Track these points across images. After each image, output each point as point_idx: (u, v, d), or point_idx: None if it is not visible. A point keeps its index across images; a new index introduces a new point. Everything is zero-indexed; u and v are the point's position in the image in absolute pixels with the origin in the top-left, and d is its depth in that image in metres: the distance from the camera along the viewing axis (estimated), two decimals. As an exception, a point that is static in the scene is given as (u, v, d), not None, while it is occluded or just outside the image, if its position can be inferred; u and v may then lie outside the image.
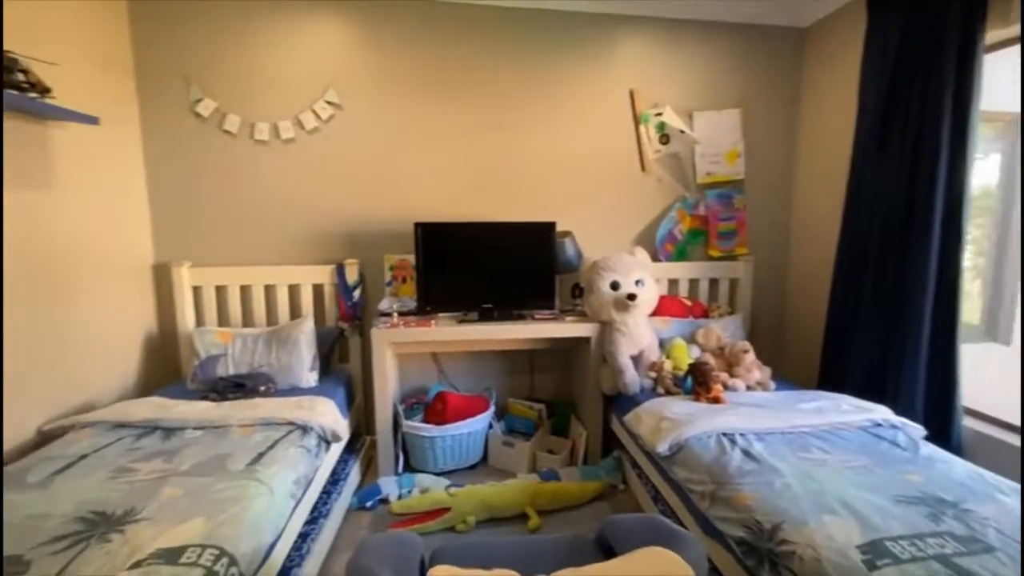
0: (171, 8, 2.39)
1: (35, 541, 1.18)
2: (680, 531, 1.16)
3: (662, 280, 2.84)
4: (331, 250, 2.65)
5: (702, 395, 2.08)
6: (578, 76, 2.71)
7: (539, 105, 2.71)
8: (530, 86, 2.69)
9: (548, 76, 2.70)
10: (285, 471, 1.61)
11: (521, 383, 2.95)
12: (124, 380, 2.32)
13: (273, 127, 2.52)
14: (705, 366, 2.10)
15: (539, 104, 2.71)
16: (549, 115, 2.73)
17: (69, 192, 2.00)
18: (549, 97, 2.71)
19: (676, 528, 1.17)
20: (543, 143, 2.74)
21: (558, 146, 2.76)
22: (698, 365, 2.12)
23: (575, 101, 2.73)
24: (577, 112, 2.74)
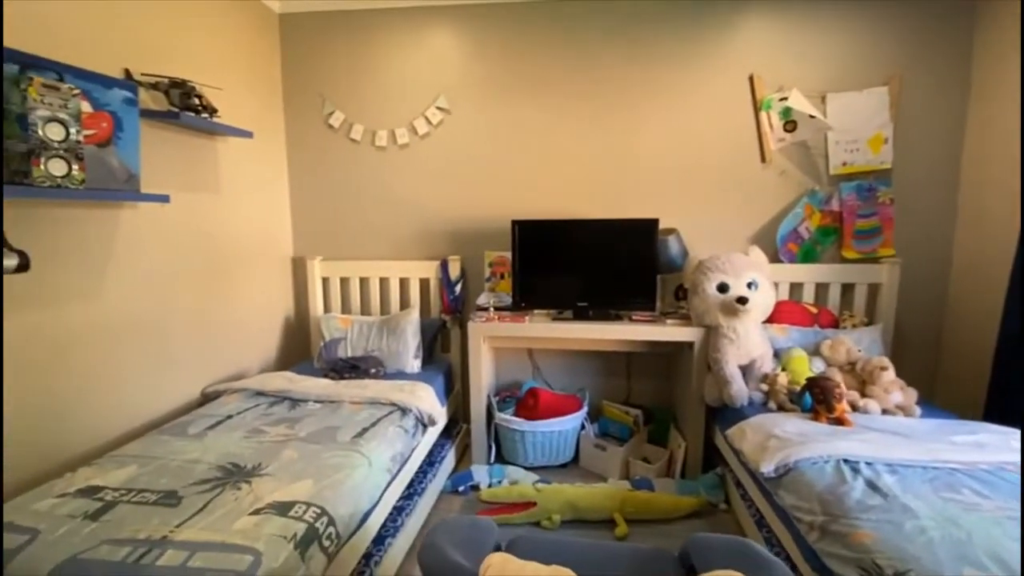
0: (311, 35, 2.73)
1: (187, 481, 1.44)
2: (770, 559, 1.03)
3: (782, 284, 2.55)
4: (437, 247, 2.82)
5: (822, 414, 1.83)
6: (688, 65, 2.55)
7: (644, 98, 2.60)
8: (633, 80, 2.59)
9: (654, 68, 2.57)
10: (384, 447, 1.75)
11: (617, 386, 2.86)
12: (266, 355, 2.71)
13: (391, 134, 2.76)
14: (827, 381, 1.84)
15: (644, 97, 2.60)
16: (655, 108, 2.60)
17: (230, 195, 2.39)
18: (655, 89, 2.59)
19: (766, 555, 1.05)
20: (648, 137, 2.63)
21: (665, 140, 2.62)
22: (818, 380, 1.87)
23: (684, 92, 2.58)
24: (686, 103, 2.58)
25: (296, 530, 1.24)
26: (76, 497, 1.34)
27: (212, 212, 2.28)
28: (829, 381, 1.84)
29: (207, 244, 2.25)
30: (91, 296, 1.70)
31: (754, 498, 1.87)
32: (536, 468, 2.51)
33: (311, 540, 1.25)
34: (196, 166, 2.16)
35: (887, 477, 1.46)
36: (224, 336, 2.38)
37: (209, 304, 2.28)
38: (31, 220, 1.47)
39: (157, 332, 1.99)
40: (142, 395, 1.92)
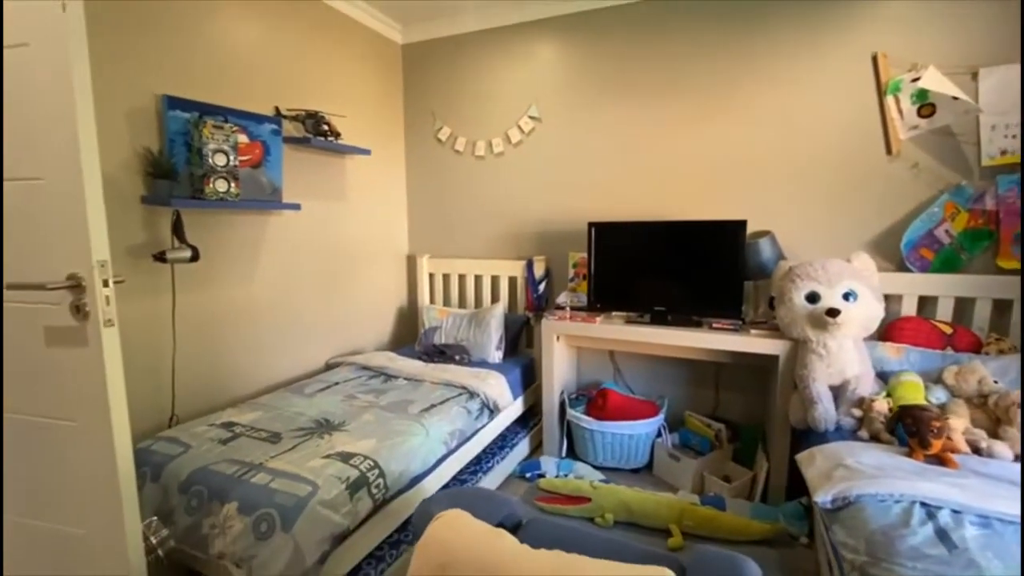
0: (426, 60, 3.12)
1: (290, 427, 1.85)
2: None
3: (908, 297, 2.18)
4: (526, 247, 3.00)
5: (917, 450, 1.56)
6: (793, 51, 2.32)
7: (741, 91, 2.43)
8: (728, 73, 2.44)
9: (751, 58, 2.39)
10: (443, 422, 1.99)
11: (704, 397, 2.71)
12: (381, 337, 3.18)
13: (488, 144, 3.01)
14: (923, 411, 1.56)
15: (741, 90, 2.43)
16: (754, 101, 2.42)
17: (355, 202, 2.88)
18: (753, 81, 2.41)
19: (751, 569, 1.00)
20: (746, 133, 2.45)
21: (764, 135, 2.42)
22: (912, 409, 1.59)
23: (788, 80, 2.35)
24: (791, 93, 2.35)
25: (350, 475, 1.53)
26: (218, 428, 1.82)
27: (340, 217, 2.78)
28: (926, 411, 1.56)
29: (335, 243, 2.76)
30: (245, 282, 2.26)
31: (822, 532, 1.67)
32: (606, 468, 2.54)
33: (361, 485, 1.53)
34: (327, 179, 2.67)
35: (971, 530, 1.22)
36: (347, 318, 2.88)
37: (336, 291, 2.79)
38: (203, 224, 2.03)
39: (294, 312, 2.53)
40: (279, 360, 2.46)
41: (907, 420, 1.57)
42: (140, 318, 1.84)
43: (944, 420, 1.54)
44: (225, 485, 1.46)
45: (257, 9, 2.23)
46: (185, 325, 1.99)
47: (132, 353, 1.82)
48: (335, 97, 2.67)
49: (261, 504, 1.38)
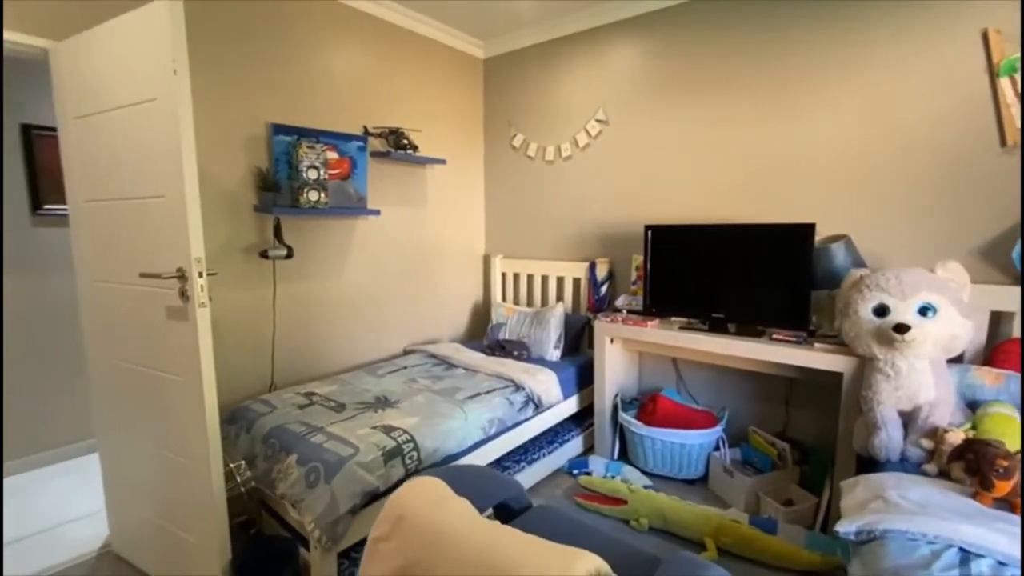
0: (504, 71, 3.32)
1: (355, 400, 2.16)
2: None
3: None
4: (591, 249, 3.05)
5: (980, 491, 1.35)
6: (880, 35, 2.07)
7: (821, 84, 2.23)
8: (806, 65, 2.25)
9: (831, 47, 2.18)
10: (483, 410, 2.17)
11: (772, 414, 2.53)
12: (456, 329, 3.47)
13: (557, 148, 3.12)
14: (988, 447, 1.33)
15: (821, 83, 2.23)
16: (832, 93, 2.20)
17: (434, 207, 3.19)
18: (836, 71, 2.19)
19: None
20: (823, 128, 2.24)
21: (845, 129, 2.19)
22: (976, 443, 1.37)
23: (874, 67, 2.10)
24: (876, 81, 2.10)
25: (388, 444, 1.78)
26: (300, 396, 2.21)
27: (419, 220, 3.10)
28: (992, 447, 1.33)
29: (415, 243, 3.09)
30: (333, 277, 2.66)
31: (863, 569, 1.51)
32: (657, 476, 2.51)
33: (396, 455, 1.77)
34: (408, 187, 3.00)
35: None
36: (425, 311, 3.20)
37: (416, 286, 3.12)
38: (298, 228, 2.45)
39: (377, 303, 2.90)
40: (362, 344, 2.84)
41: (968, 456, 1.36)
42: (249, 304, 2.31)
43: (1014, 460, 1.31)
44: (291, 441, 1.80)
45: (350, 42, 2.61)
46: (283, 311, 2.44)
47: (243, 331, 2.30)
48: (418, 112, 2.99)
49: (313, 459, 1.68)
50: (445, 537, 0.93)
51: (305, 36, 2.42)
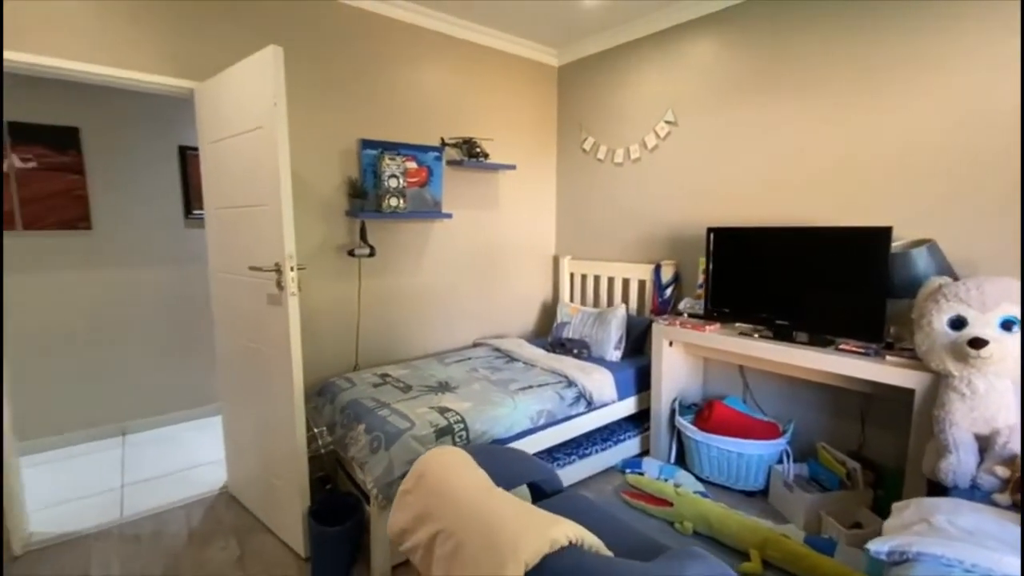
0: (577, 77, 3.42)
1: (421, 384, 2.42)
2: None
3: None
4: (657, 251, 3.04)
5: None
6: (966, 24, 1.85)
7: (897, 78, 2.05)
8: (880, 59, 2.08)
9: (911, 36, 1.99)
10: (532, 401, 2.31)
11: (846, 431, 2.36)
12: (525, 326, 3.64)
13: (626, 151, 3.15)
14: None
15: (904, 75, 2.05)
16: (914, 87, 2.01)
17: (506, 209, 3.38)
18: (913, 64, 2.00)
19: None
20: (905, 124, 2.06)
21: (931, 124, 1.99)
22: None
23: (962, 56, 1.88)
24: (964, 71, 1.88)
25: (440, 423, 2.00)
26: (376, 376, 2.52)
27: (491, 222, 3.32)
28: None
29: (486, 244, 3.31)
30: (412, 274, 2.97)
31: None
32: (713, 484, 2.46)
33: (446, 432, 1.98)
34: (480, 192, 3.23)
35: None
36: (496, 307, 3.42)
37: (487, 284, 3.35)
38: (380, 230, 2.77)
39: (450, 299, 3.17)
40: (435, 334, 3.13)
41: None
42: (339, 295, 2.68)
43: (1094, 496, 1.15)
44: (362, 413, 2.10)
45: (431, 62, 2.90)
46: (367, 302, 2.78)
47: (334, 318, 2.67)
48: (492, 121, 3.20)
49: (377, 429, 1.95)
50: (451, 495, 1.10)
51: (390, 61, 2.74)
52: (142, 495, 2.44)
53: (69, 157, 2.81)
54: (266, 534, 2.14)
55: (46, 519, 2.21)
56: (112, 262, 2.99)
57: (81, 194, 2.85)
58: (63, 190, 2.81)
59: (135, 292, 3.07)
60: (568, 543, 0.99)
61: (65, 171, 2.80)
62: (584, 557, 0.98)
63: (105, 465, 2.73)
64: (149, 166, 3.06)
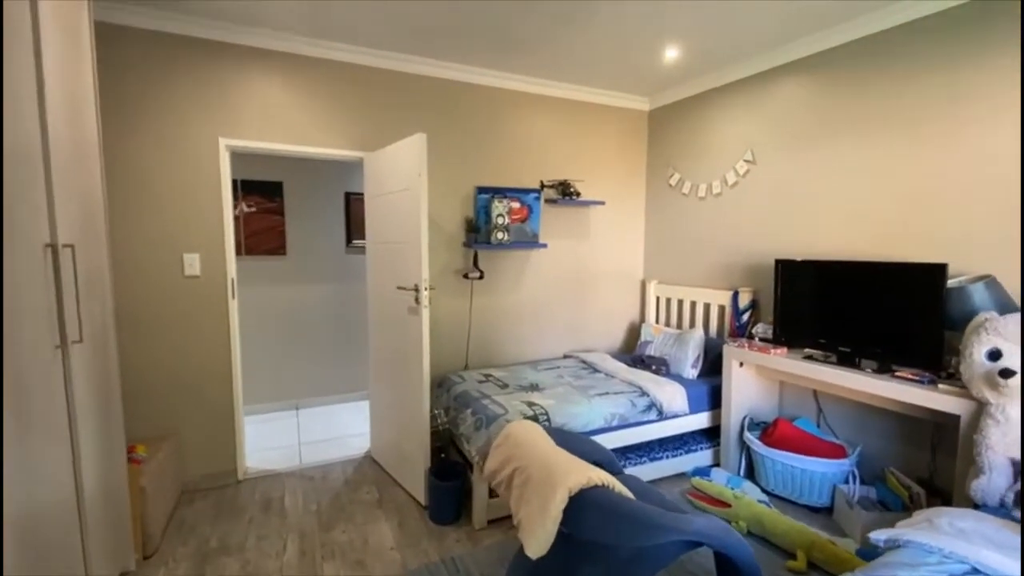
0: (666, 120, 3.81)
1: (516, 383, 2.99)
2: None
3: None
4: (736, 278, 3.30)
5: (1045, 535, 1.36)
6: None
7: (963, 119, 2.17)
8: (947, 101, 2.21)
9: (977, 80, 2.11)
10: (605, 404, 2.74)
11: (916, 458, 2.43)
12: (613, 343, 4.04)
13: (708, 186, 3.46)
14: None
15: (962, 118, 2.17)
16: (980, 127, 2.12)
17: (596, 239, 3.86)
18: (979, 104, 2.12)
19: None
20: (971, 163, 2.17)
21: (995, 165, 2.09)
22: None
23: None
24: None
25: (528, 413, 2.53)
26: (481, 375, 3.14)
27: (581, 251, 3.82)
28: None
29: (577, 269, 3.82)
30: (512, 293, 3.57)
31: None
32: (778, 497, 2.66)
33: (532, 420, 2.50)
34: (573, 224, 3.75)
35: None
36: (586, 324, 3.89)
37: (579, 304, 3.84)
38: (489, 258, 3.42)
39: (545, 316, 3.72)
40: (531, 346, 3.69)
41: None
42: (456, 309, 3.37)
43: (1076, 507, 1.31)
44: (470, 401, 2.71)
45: (534, 118, 3.52)
46: (476, 316, 3.44)
47: (450, 326, 3.36)
48: (584, 163, 3.73)
49: (480, 413, 2.54)
50: (526, 446, 1.62)
51: (500, 121, 3.42)
52: (312, 451, 3.31)
53: (275, 203, 3.91)
54: (396, 488, 2.84)
55: (253, 459, 3.15)
56: (297, 280, 4.04)
57: (281, 230, 3.94)
58: (270, 227, 3.91)
59: (310, 303, 4.09)
60: (601, 483, 1.46)
61: (272, 213, 3.90)
62: (610, 494, 1.44)
63: (286, 429, 3.70)
64: (325, 208, 4.08)
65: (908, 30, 2.38)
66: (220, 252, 2.75)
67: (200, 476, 2.80)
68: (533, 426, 1.82)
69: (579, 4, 2.38)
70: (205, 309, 2.75)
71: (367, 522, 2.49)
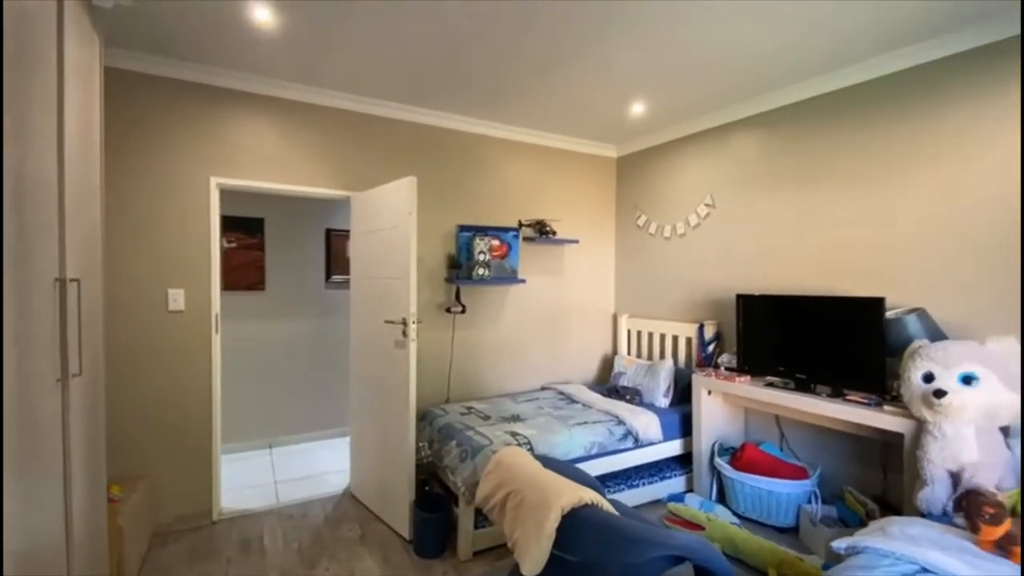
0: (633, 166, 4.12)
1: (497, 415, 3.07)
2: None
3: (1118, 394, 1.83)
4: (701, 312, 3.53)
5: (978, 539, 1.55)
6: (957, 126, 2.31)
7: (901, 171, 2.51)
8: (886, 155, 2.56)
9: (912, 138, 2.46)
10: (584, 433, 2.85)
11: (870, 477, 2.63)
12: (587, 374, 4.19)
13: (673, 227, 3.74)
14: (981, 496, 1.54)
15: (901, 170, 2.51)
16: (915, 178, 2.46)
17: (570, 275, 4.06)
18: (913, 160, 2.46)
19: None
20: (905, 210, 2.49)
21: (926, 211, 2.41)
22: (972, 492, 1.57)
23: (951, 155, 2.33)
24: (954, 168, 2.31)
25: (511, 442, 2.61)
26: (463, 407, 3.20)
27: (558, 286, 4.00)
28: (982, 496, 1.53)
29: (554, 304, 3.98)
30: (493, 326, 3.69)
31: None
32: (749, 519, 2.80)
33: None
34: (549, 261, 3.95)
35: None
36: (562, 357, 4.03)
37: (555, 337, 3.99)
38: (470, 293, 3.55)
39: (523, 350, 3.84)
40: (510, 379, 3.78)
41: (963, 502, 1.59)
42: (438, 342, 3.45)
43: (1001, 507, 1.51)
44: (454, 433, 2.77)
45: (512, 163, 3.75)
46: (458, 349, 3.53)
47: (433, 360, 3.43)
48: (560, 204, 3.96)
49: (465, 444, 2.61)
50: (518, 469, 1.72)
51: (481, 165, 3.63)
52: (290, 490, 3.25)
53: (256, 239, 3.94)
54: (379, 523, 2.82)
55: (227, 499, 3.06)
56: (275, 315, 4.03)
57: (261, 265, 3.96)
58: (250, 262, 3.93)
59: (287, 338, 4.08)
60: (591, 502, 1.56)
61: (253, 249, 3.93)
62: (600, 512, 1.55)
63: (260, 468, 3.61)
64: (305, 244, 4.14)
65: (843, 95, 2.74)
66: (206, 287, 2.77)
67: (173, 517, 2.71)
68: (522, 452, 1.92)
69: (551, 59, 2.63)
70: (187, 344, 2.74)
71: (351, 559, 2.47)
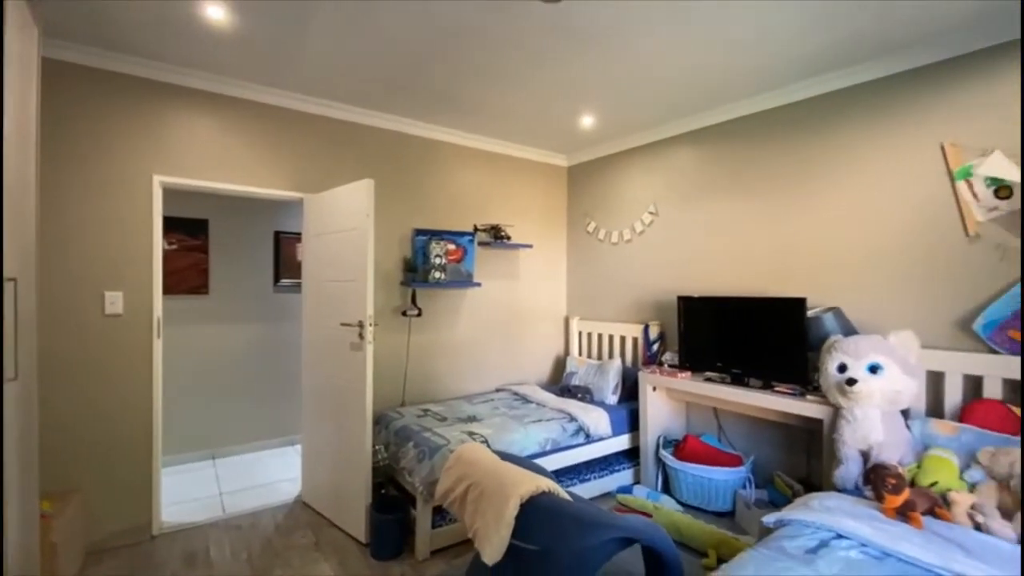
0: (583, 175, 4.30)
1: (454, 416, 3.11)
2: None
3: (991, 379, 2.14)
4: (646, 313, 3.74)
5: (883, 505, 1.77)
6: (865, 146, 2.61)
7: (822, 184, 2.80)
8: (809, 169, 2.84)
9: (829, 154, 2.75)
10: (539, 430, 2.95)
11: (797, 462, 2.89)
12: (541, 375, 4.30)
13: (619, 233, 3.94)
14: (883, 469, 1.76)
15: (822, 183, 2.80)
16: (832, 191, 2.75)
17: (525, 279, 4.17)
18: (832, 174, 2.75)
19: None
20: (824, 220, 2.77)
21: (841, 220, 2.70)
22: (877, 466, 1.80)
23: (861, 171, 2.63)
24: (865, 183, 2.61)
25: (468, 441, 2.66)
26: (419, 409, 3.22)
27: (512, 290, 4.10)
28: (886, 469, 1.76)
29: (509, 307, 4.08)
30: (449, 330, 3.73)
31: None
32: (691, 507, 2.98)
33: (474, 450, 2.64)
34: (504, 266, 4.04)
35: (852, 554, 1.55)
36: (516, 359, 4.12)
37: (509, 340, 4.07)
38: (426, 296, 3.58)
39: (479, 352, 3.90)
40: (466, 381, 3.83)
41: (870, 475, 1.81)
42: (394, 345, 3.45)
43: (901, 478, 1.73)
44: (411, 435, 2.78)
45: (467, 168, 3.82)
46: (413, 352, 3.54)
47: (388, 364, 3.43)
48: (514, 210, 4.07)
49: (422, 445, 2.63)
50: (478, 463, 1.78)
51: (437, 170, 3.67)
52: (237, 500, 3.13)
53: (199, 241, 3.78)
54: (333, 529, 2.78)
55: (168, 513, 2.92)
56: (219, 319, 3.88)
57: (204, 268, 3.80)
58: (191, 265, 3.76)
59: (232, 343, 3.93)
60: (548, 490, 1.65)
61: (195, 251, 3.77)
62: (555, 498, 1.64)
63: (204, 479, 3.45)
64: (253, 247, 4.02)
65: (769, 116, 3.02)
66: (147, 290, 2.65)
67: (108, 533, 2.56)
68: (481, 447, 1.98)
69: (506, 72, 2.74)
70: (125, 349, 2.60)
71: (305, 564, 2.43)
